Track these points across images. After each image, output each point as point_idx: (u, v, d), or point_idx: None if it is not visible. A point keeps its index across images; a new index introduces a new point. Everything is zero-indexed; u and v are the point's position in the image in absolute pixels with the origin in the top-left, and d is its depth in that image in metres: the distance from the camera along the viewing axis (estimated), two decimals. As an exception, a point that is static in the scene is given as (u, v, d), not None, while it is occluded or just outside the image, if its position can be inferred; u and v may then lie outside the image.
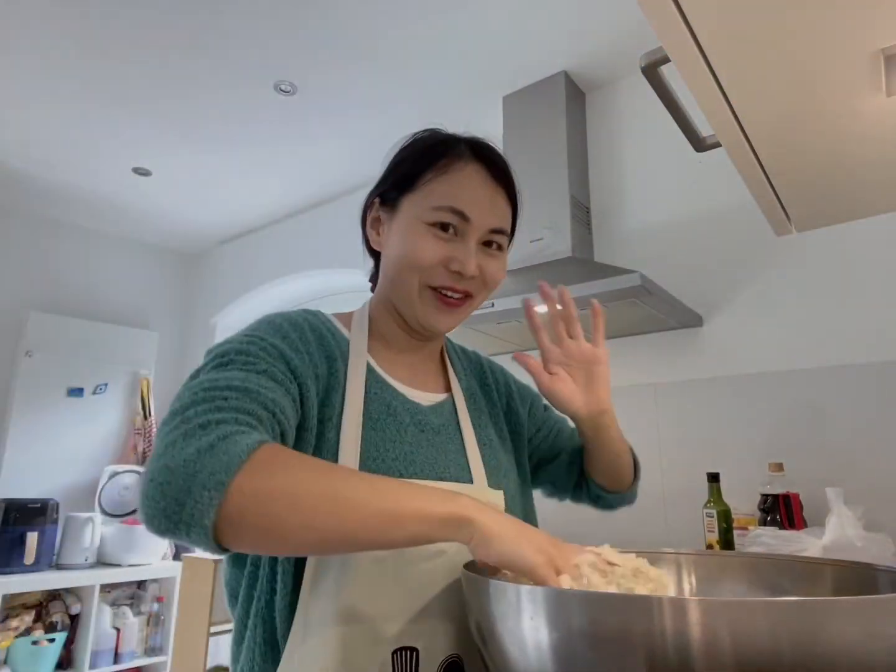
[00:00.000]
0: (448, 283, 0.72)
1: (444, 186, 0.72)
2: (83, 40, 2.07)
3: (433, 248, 0.71)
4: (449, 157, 0.74)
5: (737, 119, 0.70)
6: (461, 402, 0.81)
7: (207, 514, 0.47)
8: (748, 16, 0.54)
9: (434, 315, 0.74)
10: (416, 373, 0.80)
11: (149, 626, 2.93)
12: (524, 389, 0.95)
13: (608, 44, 2.06)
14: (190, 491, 0.48)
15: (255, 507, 0.49)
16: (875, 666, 0.40)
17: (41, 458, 3.08)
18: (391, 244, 0.75)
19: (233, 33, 2.03)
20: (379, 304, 0.80)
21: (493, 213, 0.74)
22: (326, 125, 2.53)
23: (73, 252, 3.44)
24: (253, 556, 0.67)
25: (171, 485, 0.48)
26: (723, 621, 0.40)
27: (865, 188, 0.91)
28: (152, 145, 2.69)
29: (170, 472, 0.49)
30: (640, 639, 0.42)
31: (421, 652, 0.61)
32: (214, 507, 0.47)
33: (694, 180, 1.98)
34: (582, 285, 1.56)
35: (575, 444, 0.92)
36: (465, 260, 0.71)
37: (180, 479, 0.48)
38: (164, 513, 0.48)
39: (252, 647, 0.63)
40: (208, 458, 0.49)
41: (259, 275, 3.42)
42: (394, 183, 0.76)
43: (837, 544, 1.15)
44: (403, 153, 0.78)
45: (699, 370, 1.86)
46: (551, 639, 0.46)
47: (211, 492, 0.48)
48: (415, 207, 0.73)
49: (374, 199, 0.79)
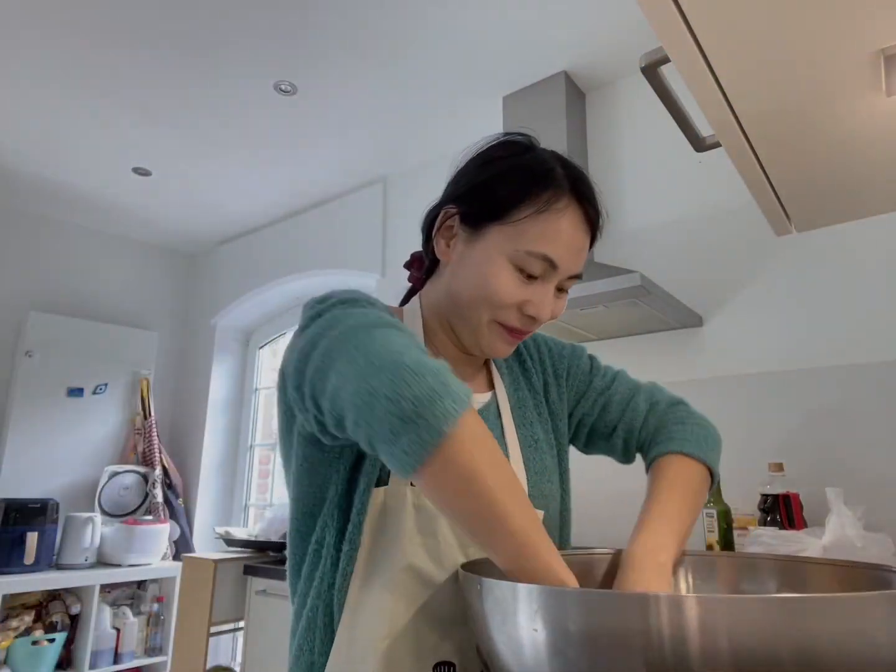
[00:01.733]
0: (519, 326, 0.70)
1: (541, 229, 0.67)
2: (83, 40, 2.06)
3: (514, 291, 0.67)
4: (550, 193, 0.68)
5: (737, 119, 0.70)
6: (504, 402, 0.79)
7: (450, 422, 0.49)
8: (748, 16, 0.54)
9: (498, 346, 0.72)
10: (460, 374, 0.78)
11: (149, 627, 2.93)
12: (559, 356, 0.88)
13: (608, 44, 2.06)
14: (442, 395, 0.49)
15: (472, 446, 0.50)
16: (871, 662, 0.40)
17: (41, 458, 3.08)
18: (467, 267, 0.70)
19: (233, 33, 2.03)
20: (433, 315, 0.76)
21: (579, 259, 0.71)
22: (326, 125, 2.53)
23: (72, 252, 3.44)
24: (318, 535, 0.67)
25: (425, 379, 0.49)
26: (719, 618, 0.40)
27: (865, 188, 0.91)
28: (152, 145, 2.69)
29: (426, 368, 0.50)
30: (638, 636, 0.42)
31: (458, 667, 0.62)
32: (457, 420, 0.49)
33: (694, 180, 1.98)
34: (582, 285, 1.56)
35: (628, 420, 0.83)
36: (542, 306, 0.69)
37: (435, 379, 0.50)
38: (416, 400, 0.49)
39: (312, 629, 0.65)
40: (451, 377, 0.51)
41: (259, 275, 3.42)
42: (482, 205, 0.70)
43: (837, 544, 1.15)
44: (495, 170, 0.71)
45: (699, 370, 1.86)
46: (548, 637, 0.46)
47: (457, 406, 0.49)
48: (503, 242, 0.68)
49: (453, 209, 0.72)
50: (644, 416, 0.83)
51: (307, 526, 0.69)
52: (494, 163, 0.71)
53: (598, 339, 2.02)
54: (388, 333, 0.56)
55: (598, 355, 0.92)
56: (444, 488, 0.52)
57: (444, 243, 0.74)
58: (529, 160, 0.71)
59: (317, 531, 0.68)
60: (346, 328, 0.58)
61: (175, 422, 3.67)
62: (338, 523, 0.66)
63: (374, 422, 0.50)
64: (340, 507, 0.67)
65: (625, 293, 1.53)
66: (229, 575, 2.25)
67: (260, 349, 3.73)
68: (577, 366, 0.87)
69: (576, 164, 0.74)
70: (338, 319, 0.60)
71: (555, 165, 0.71)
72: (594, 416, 0.85)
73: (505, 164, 0.71)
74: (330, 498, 0.67)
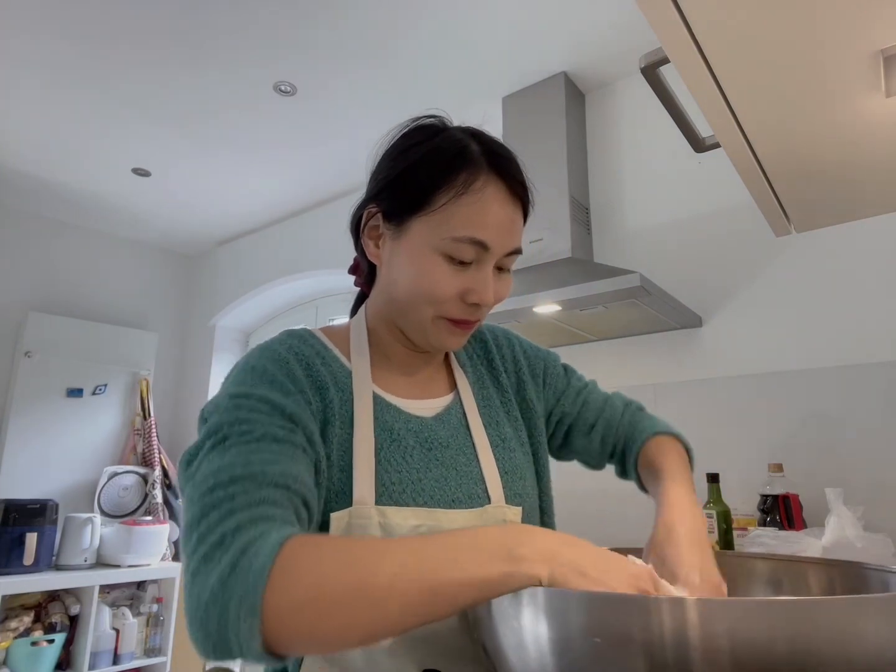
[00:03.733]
0: (464, 317, 0.68)
1: (463, 212, 0.64)
2: (82, 40, 2.06)
3: (450, 282, 0.65)
4: (466, 174, 0.65)
5: (736, 120, 0.70)
6: (469, 401, 0.77)
7: (253, 643, 0.46)
8: (747, 16, 0.54)
9: (447, 339, 0.70)
10: (417, 381, 0.76)
11: (148, 627, 2.92)
12: (534, 357, 0.87)
13: (608, 45, 2.06)
14: (227, 625, 0.46)
15: (292, 622, 0.46)
16: (869, 664, 0.40)
17: (40, 459, 3.08)
18: (398, 267, 0.68)
19: (233, 33, 2.03)
20: (379, 322, 0.75)
21: (511, 235, 0.67)
22: (326, 125, 2.53)
23: (72, 252, 3.44)
24: None
25: (209, 622, 0.47)
26: (720, 621, 0.40)
27: (865, 189, 0.91)
28: (152, 146, 2.69)
29: (204, 608, 0.47)
30: (639, 638, 0.42)
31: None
32: (256, 634, 0.45)
33: (693, 181, 1.98)
34: (581, 286, 1.56)
35: (606, 417, 0.85)
36: (483, 292, 0.66)
37: (215, 615, 0.47)
38: (215, 649, 0.47)
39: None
40: (232, 582, 0.47)
41: (258, 275, 3.42)
42: (401, 198, 0.68)
43: (837, 545, 1.15)
44: (410, 159, 0.68)
45: (698, 370, 1.86)
46: (551, 639, 0.46)
47: (248, 621, 0.45)
48: (428, 233, 0.65)
49: (374, 208, 0.71)
50: (621, 413, 0.86)
51: None
52: (407, 152, 0.69)
53: (598, 340, 2.02)
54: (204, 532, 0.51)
55: (597, 356, 0.93)
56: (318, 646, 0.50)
57: (372, 245, 0.72)
58: (440, 142, 0.68)
59: None
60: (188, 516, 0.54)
61: (175, 422, 3.67)
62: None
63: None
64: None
65: (624, 294, 1.53)
66: (229, 575, 2.25)
67: (259, 350, 3.73)
68: (554, 367, 0.88)
69: (492, 137, 0.70)
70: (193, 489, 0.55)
71: (467, 143, 0.68)
72: (574, 415, 0.85)
73: (417, 151, 0.68)
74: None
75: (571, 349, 2.07)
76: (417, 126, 0.72)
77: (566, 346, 2.08)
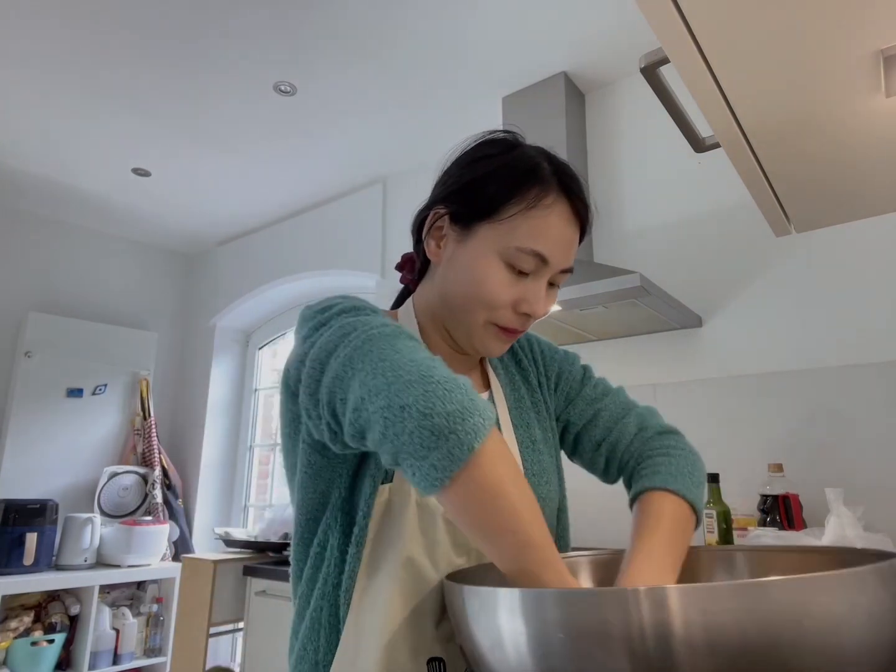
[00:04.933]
0: (513, 325, 0.70)
1: (530, 225, 0.67)
2: (82, 41, 2.06)
3: (507, 290, 0.68)
4: (538, 189, 0.68)
5: (736, 120, 0.70)
6: (501, 402, 0.79)
7: (479, 438, 0.50)
8: (747, 16, 0.54)
9: (493, 345, 0.72)
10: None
11: (148, 627, 2.93)
12: (550, 358, 0.88)
13: (608, 45, 2.06)
14: (472, 411, 0.50)
15: (497, 462, 0.51)
16: (844, 642, 0.43)
17: (40, 459, 3.08)
18: (458, 267, 0.70)
19: (233, 33, 2.03)
20: (427, 317, 0.77)
21: (569, 253, 0.71)
22: (326, 125, 2.53)
23: (72, 253, 3.44)
24: (321, 537, 0.68)
25: (456, 395, 0.50)
26: (692, 606, 0.42)
27: (865, 189, 0.91)
28: (152, 146, 2.69)
29: (455, 384, 0.51)
30: (617, 630, 0.43)
31: (448, 665, 0.63)
32: (484, 436, 0.50)
33: (693, 181, 1.98)
34: (582, 286, 1.56)
35: (612, 441, 0.80)
36: (536, 303, 0.69)
37: (464, 395, 0.51)
38: (449, 416, 0.50)
39: (316, 628, 0.65)
40: (476, 393, 0.52)
41: (258, 276, 3.42)
42: (471, 204, 0.70)
43: (837, 545, 1.15)
44: (483, 168, 0.71)
45: (698, 371, 1.86)
46: (529, 639, 0.46)
47: (485, 421, 0.50)
48: (494, 240, 0.68)
49: (442, 210, 0.72)
50: (630, 439, 0.79)
51: (310, 530, 0.69)
52: (481, 162, 0.72)
53: (598, 340, 2.02)
54: (411, 345, 0.57)
55: (597, 356, 0.93)
56: (469, 503, 0.52)
57: (434, 244, 0.73)
58: (515, 157, 0.71)
59: (319, 534, 0.68)
60: (365, 336, 0.57)
61: (174, 422, 3.67)
62: (342, 526, 0.67)
63: (405, 436, 0.50)
64: (343, 510, 0.67)
65: (624, 294, 1.53)
66: (229, 576, 2.25)
67: (259, 350, 3.73)
68: (570, 371, 0.87)
69: (562, 160, 0.73)
70: (353, 326, 0.59)
71: (541, 161, 0.71)
72: (579, 427, 0.83)
73: (491, 163, 0.71)
74: (333, 501, 0.68)
75: (572, 349, 2.06)
76: (493, 139, 0.75)
77: (567, 346, 2.08)
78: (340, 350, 0.58)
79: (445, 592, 0.58)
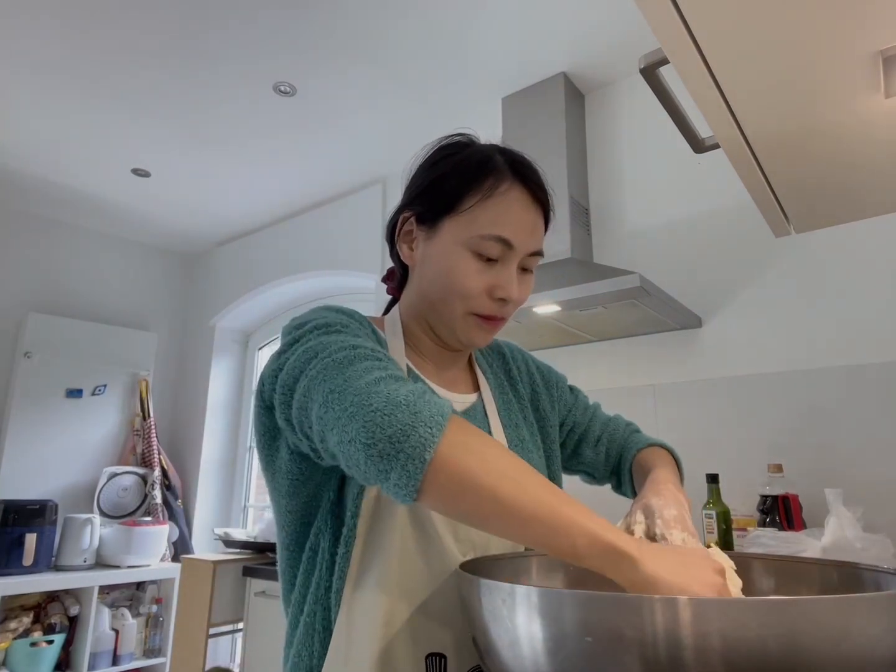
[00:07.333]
0: (492, 312, 0.73)
1: (489, 213, 0.71)
2: (82, 41, 2.06)
3: (478, 277, 0.71)
4: (492, 179, 0.72)
5: (736, 120, 0.70)
6: (490, 403, 0.81)
7: (428, 449, 0.50)
8: (747, 17, 0.54)
9: (476, 334, 0.75)
10: (445, 377, 0.81)
11: (147, 628, 2.92)
12: (547, 371, 0.94)
13: (607, 45, 2.06)
14: (415, 425, 0.51)
15: (460, 458, 0.51)
16: (858, 662, 0.41)
17: (40, 460, 3.08)
18: (430, 265, 0.74)
19: (232, 34, 2.03)
20: (411, 319, 0.79)
21: (534, 237, 0.74)
22: (326, 126, 2.53)
23: (72, 253, 3.44)
24: (312, 542, 0.69)
25: (395, 416, 0.52)
26: (711, 620, 0.41)
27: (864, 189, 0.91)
28: (151, 146, 2.69)
29: (394, 405, 0.52)
30: (633, 637, 0.42)
31: (449, 660, 0.63)
32: (435, 443, 0.51)
33: (693, 181, 1.98)
34: (581, 286, 1.56)
35: (610, 431, 0.93)
36: (509, 287, 0.72)
37: (405, 412, 0.52)
38: (391, 439, 0.51)
39: (311, 633, 0.66)
40: (423, 402, 0.53)
41: (258, 276, 3.42)
42: (433, 203, 0.74)
43: (836, 545, 1.15)
44: (441, 169, 0.75)
45: (698, 371, 1.86)
46: (545, 639, 0.46)
47: (432, 429, 0.51)
48: (458, 233, 0.72)
49: (409, 213, 0.77)
50: (622, 430, 0.93)
51: (303, 534, 0.70)
52: (439, 163, 0.76)
53: (598, 340, 2.02)
54: (361, 370, 0.57)
55: (597, 356, 0.96)
56: (446, 503, 0.53)
57: (406, 248, 0.78)
58: (469, 154, 0.75)
59: (311, 538, 0.69)
60: (322, 366, 0.59)
61: (174, 423, 3.67)
62: (332, 528, 0.67)
63: (362, 466, 0.53)
64: (333, 513, 0.68)
65: (624, 294, 1.53)
66: (228, 576, 2.25)
67: (259, 350, 3.73)
68: (563, 385, 0.96)
69: (515, 151, 0.78)
70: (315, 351, 0.62)
71: (493, 154, 0.75)
72: (584, 425, 0.93)
73: (448, 163, 0.75)
74: (323, 505, 0.68)
75: (571, 349, 2.07)
76: (447, 143, 0.79)
77: (566, 346, 2.08)
78: (302, 379, 0.60)
79: (460, 584, 0.57)
